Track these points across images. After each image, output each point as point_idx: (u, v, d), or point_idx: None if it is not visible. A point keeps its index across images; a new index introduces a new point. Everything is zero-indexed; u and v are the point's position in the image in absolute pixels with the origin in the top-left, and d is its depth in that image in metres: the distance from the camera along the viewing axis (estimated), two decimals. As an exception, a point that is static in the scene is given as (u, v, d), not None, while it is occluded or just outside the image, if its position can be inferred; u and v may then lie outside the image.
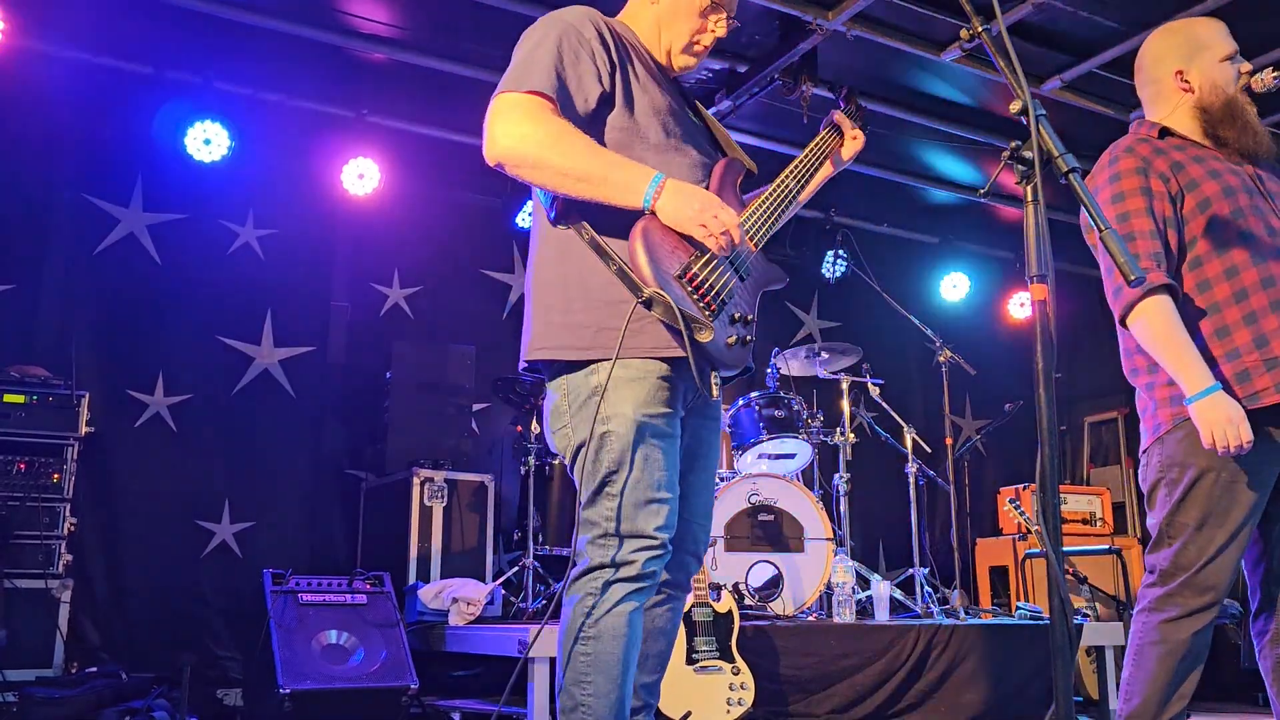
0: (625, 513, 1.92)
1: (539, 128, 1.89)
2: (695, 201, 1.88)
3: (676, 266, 1.90)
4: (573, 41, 1.99)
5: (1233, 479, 2.27)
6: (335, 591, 4.02)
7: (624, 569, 1.92)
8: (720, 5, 2.16)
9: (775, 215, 2.17)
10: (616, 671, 1.92)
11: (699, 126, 2.21)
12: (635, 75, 2.05)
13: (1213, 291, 2.35)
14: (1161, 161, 2.40)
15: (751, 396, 5.13)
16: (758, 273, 2.08)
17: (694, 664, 3.47)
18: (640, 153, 2.00)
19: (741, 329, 1.96)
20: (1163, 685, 2.27)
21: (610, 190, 1.88)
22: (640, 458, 1.91)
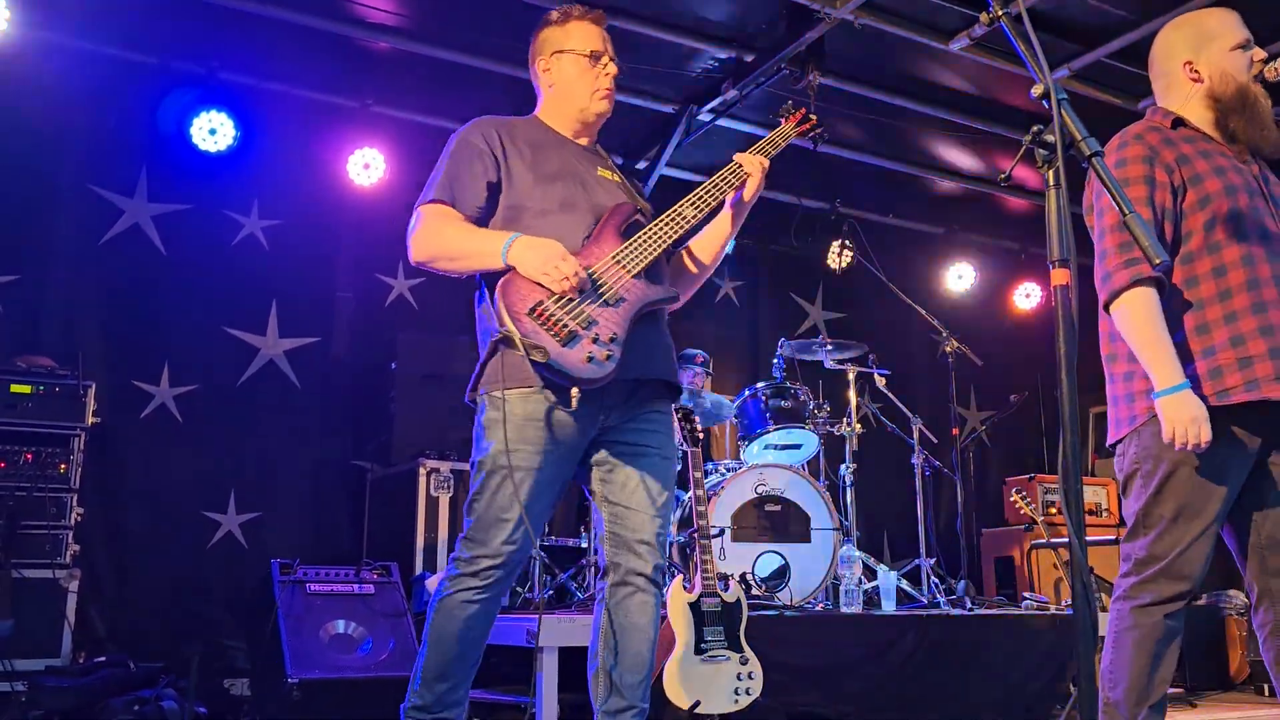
0: (478, 526, 2.40)
1: (432, 231, 2.45)
2: (539, 254, 2.32)
3: (529, 305, 2.31)
4: (464, 153, 2.53)
5: (1206, 473, 2.27)
6: (343, 581, 4.03)
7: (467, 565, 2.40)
8: (599, 52, 2.62)
9: (659, 244, 2.47)
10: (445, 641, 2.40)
11: (607, 181, 2.62)
12: (523, 158, 2.53)
13: (1199, 288, 2.36)
14: (1169, 152, 2.40)
15: (758, 387, 5.13)
16: (635, 295, 2.42)
17: (702, 654, 3.47)
18: (527, 220, 2.47)
19: (600, 346, 2.31)
20: (1142, 669, 2.30)
21: (481, 260, 2.40)
22: (493, 485, 2.38)
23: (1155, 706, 2.31)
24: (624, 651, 2.47)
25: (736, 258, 6.74)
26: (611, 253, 2.44)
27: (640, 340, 2.42)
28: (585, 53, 2.61)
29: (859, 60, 5.10)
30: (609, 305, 2.37)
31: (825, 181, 6.44)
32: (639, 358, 2.42)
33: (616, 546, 2.50)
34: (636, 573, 2.48)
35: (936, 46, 4.77)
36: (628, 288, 2.41)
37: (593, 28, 2.65)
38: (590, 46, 2.62)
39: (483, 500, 2.40)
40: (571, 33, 2.64)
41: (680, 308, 2.65)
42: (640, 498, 2.49)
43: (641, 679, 2.49)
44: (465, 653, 2.43)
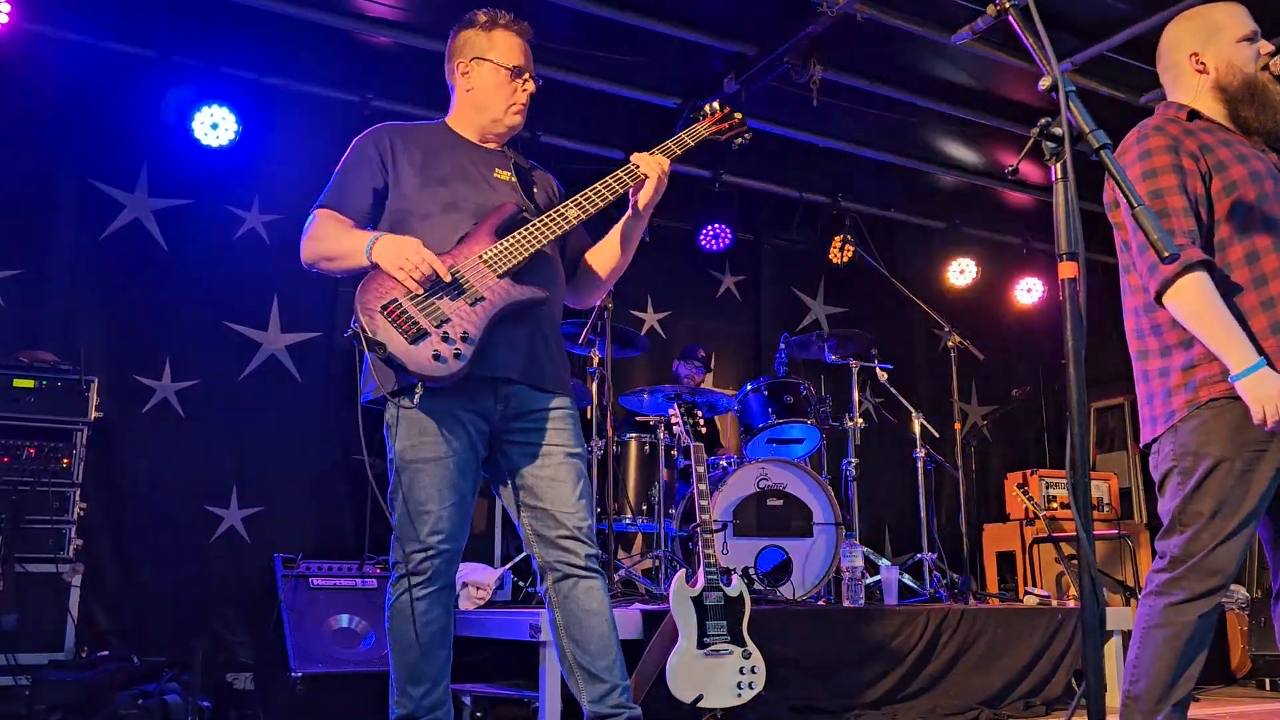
0: (402, 523, 2.48)
1: (315, 234, 2.55)
2: (396, 250, 2.39)
3: (383, 302, 2.38)
4: (355, 159, 2.63)
5: (1246, 468, 2.26)
6: (346, 576, 4.03)
7: (404, 565, 2.48)
8: (520, 69, 2.66)
9: (532, 244, 2.50)
10: (406, 643, 2.48)
11: (501, 182, 2.67)
12: (412, 165, 2.60)
13: (1232, 275, 2.34)
14: (1191, 142, 2.39)
15: (760, 381, 5.13)
16: (497, 294, 2.45)
17: (705, 648, 3.47)
18: (410, 223, 2.55)
19: (448, 344, 2.36)
20: (1168, 667, 2.28)
21: (353, 259, 2.48)
22: (406, 482, 2.46)
23: (1179, 705, 2.28)
24: (586, 639, 2.52)
25: (739, 252, 6.73)
26: (478, 253, 2.48)
27: (508, 339, 2.48)
28: (508, 66, 2.65)
29: (861, 54, 5.09)
30: (468, 304, 2.42)
31: (827, 175, 6.44)
32: (505, 356, 2.49)
33: (544, 548, 2.55)
34: (571, 565, 2.53)
35: (939, 40, 4.77)
36: (490, 287, 2.45)
37: (517, 40, 2.68)
38: (513, 61, 2.65)
39: (399, 497, 2.48)
40: (496, 41, 2.66)
41: (682, 303, 2.67)
42: (553, 495, 2.54)
43: (613, 659, 2.54)
44: (429, 652, 2.49)
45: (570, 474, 2.57)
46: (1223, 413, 2.29)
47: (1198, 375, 2.32)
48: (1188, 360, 2.34)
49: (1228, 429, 2.28)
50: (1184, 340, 2.35)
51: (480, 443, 2.54)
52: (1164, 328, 2.40)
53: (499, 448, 2.59)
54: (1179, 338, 2.36)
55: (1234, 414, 2.28)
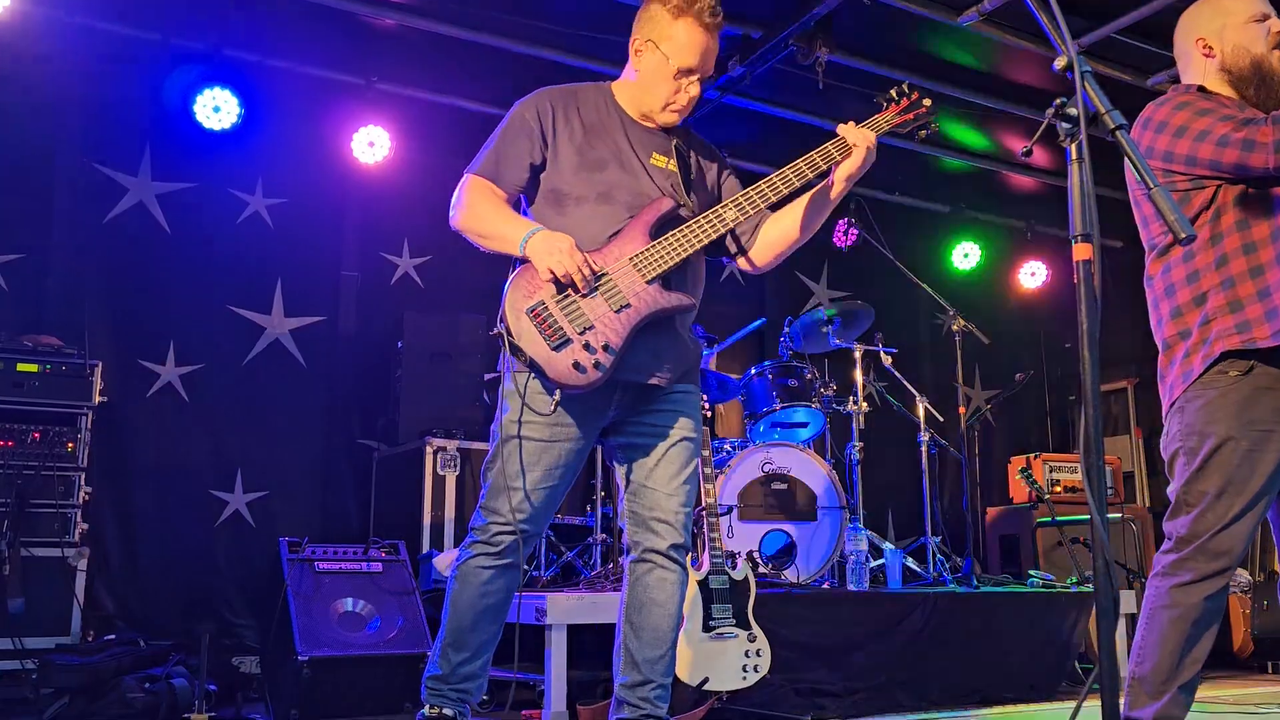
0: (491, 494, 2.48)
1: (470, 204, 2.49)
2: (549, 248, 2.34)
3: (531, 303, 2.38)
4: (514, 129, 2.54)
5: (1252, 447, 2.26)
6: (351, 560, 4.03)
7: (481, 533, 2.48)
8: (690, 70, 2.51)
9: (684, 250, 2.45)
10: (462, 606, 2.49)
11: (658, 170, 2.56)
12: (572, 141, 2.52)
13: (1251, 231, 2.33)
14: None
15: (764, 365, 5.12)
16: (644, 302, 2.42)
17: (710, 631, 3.48)
18: (565, 206, 2.50)
19: (588, 353, 2.35)
20: (1175, 648, 2.28)
21: (505, 244, 2.44)
22: (507, 454, 2.45)
23: (1185, 686, 2.29)
24: (643, 627, 2.51)
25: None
26: (630, 254, 2.43)
27: (646, 346, 2.45)
28: (678, 64, 2.49)
29: (867, 36, 5.06)
30: (613, 310, 2.39)
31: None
32: (642, 362, 2.46)
33: (635, 525, 2.54)
34: (653, 550, 2.52)
35: (945, 21, 4.73)
36: (638, 294, 2.41)
37: (700, 35, 2.49)
38: (685, 61, 2.49)
39: (495, 466, 2.48)
40: (677, 31, 2.49)
41: None
42: (658, 476, 2.52)
43: (661, 654, 2.52)
44: (480, 623, 2.49)
45: (680, 457, 2.55)
46: (1229, 392, 2.29)
47: (1214, 329, 2.31)
48: (1204, 316, 2.34)
49: (1234, 408, 2.28)
50: (1197, 296, 2.35)
51: (592, 435, 2.54)
52: (1177, 286, 2.39)
53: (613, 428, 2.58)
54: (1191, 294, 2.36)
55: (1241, 393, 2.28)
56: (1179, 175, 2.36)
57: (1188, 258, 2.38)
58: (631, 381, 2.48)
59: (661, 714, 2.52)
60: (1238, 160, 2.26)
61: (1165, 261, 2.43)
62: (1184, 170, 2.35)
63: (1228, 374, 2.30)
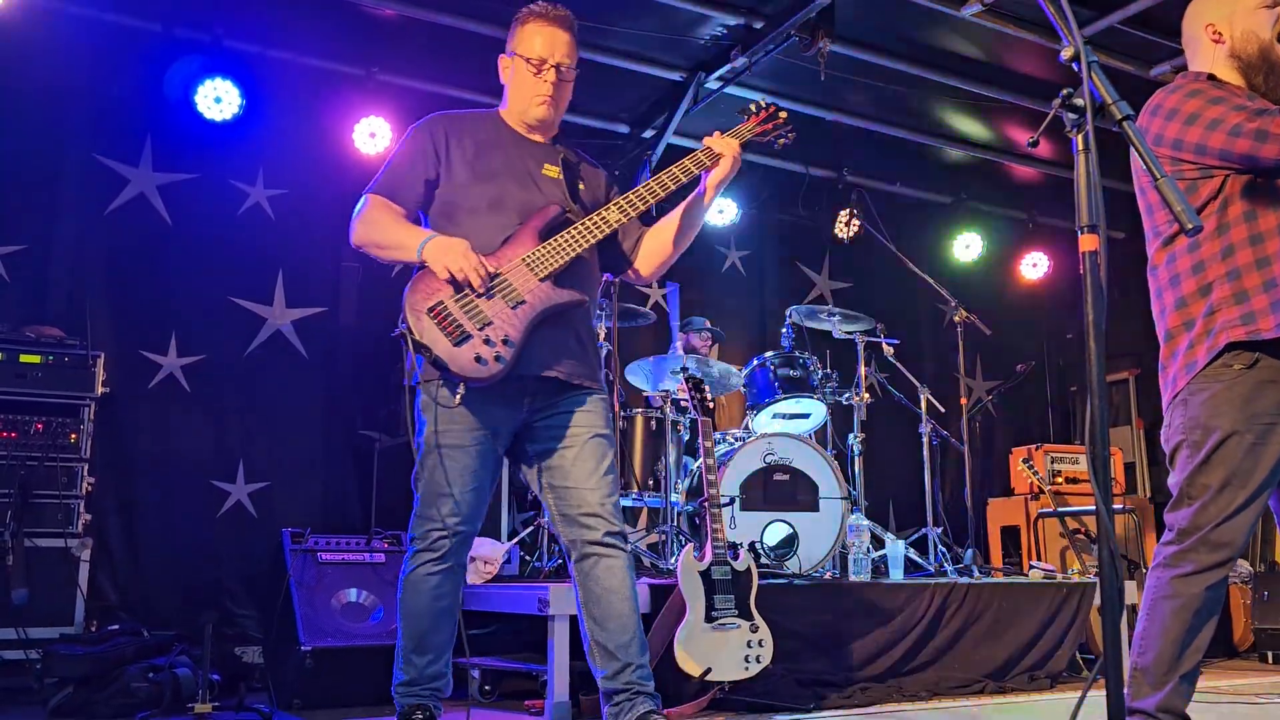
0: (424, 502, 2.61)
1: (368, 219, 2.64)
2: (445, 253, 2.49)
3: (430, 303, 2.50)
4: (410, 149, 2.72)
5: (1257, 440, 2.26)
6: (354, 550, 4.04)
7: (420, 541, 2.61)
8: (543, 59, 2.70)
9: (573, 249, 2.59)
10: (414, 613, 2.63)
11: (549, 180, 2.73)
12: (464, 158, 2.69)
13: (1257, 221, 2.33)
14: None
15: (766, 356, 5.12)
16: (538, 298, 2.56)
17: (713, 621, 3.49)
18: (458, 218, 2.65)
19: (489, 347, 2.47)
20: (1176, 639, 2.28)
21: (402, 252, 2.59)
22: (431, 464, 2.58)
23: (1187, 676, 2.30)
24: (606, 617, 2.61)
25: (744, 226, 6.71)
26: (522, 255, 2.57)
27: (544, 340, 2.58)
28: (529, 57, 2.71)
29: (869, 26, 5.05)
30: (510, 307, 2.53)
31: (833, 150, 6.40)
32: (542, 356, 2.59)
33: (567, 525, 2.65)
34: (591, 542, 2.63)
35: (948, 12, 4.72)
36: (532, 290, 2.55)
37: (542, 30, 2.72)
38: (535, 54, 2.70)
39: (424, 477, 2.60)
40: (525, 35, 2.74)
41: (688, 276, 2.72)
42: (577, 474, 2.65)
43: (630, 638, 2.61)
44: (437, 625, 2.63)
45: (595, 452, 2.66)
46: (1234, 385, 2.29)
47: (1218, 320, 2.31)
48: (1208, 306, 2.33)
49: (1238, 402, 2.27)
50: (1202, 287, 2.34)
51: (506, 434, 2.66)
52: (1182, 276, 2.38)
53: (526, 434, 2.70)
54: (1197, 284, 2.35)
55: (1245, 386, 2.28)
56: (1187, 164, 2.36)
57: (1193, 248, 2.38)
58: (535, 376, 2.60)
59: (650, 690, 2.62)
60: (1249, 151, 2.25)
61: (1170, 251, 2.43)
62: (1193, 159, 2.34)
63: (1232, 367, 2.30)
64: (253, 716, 3.52)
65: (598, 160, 2.99)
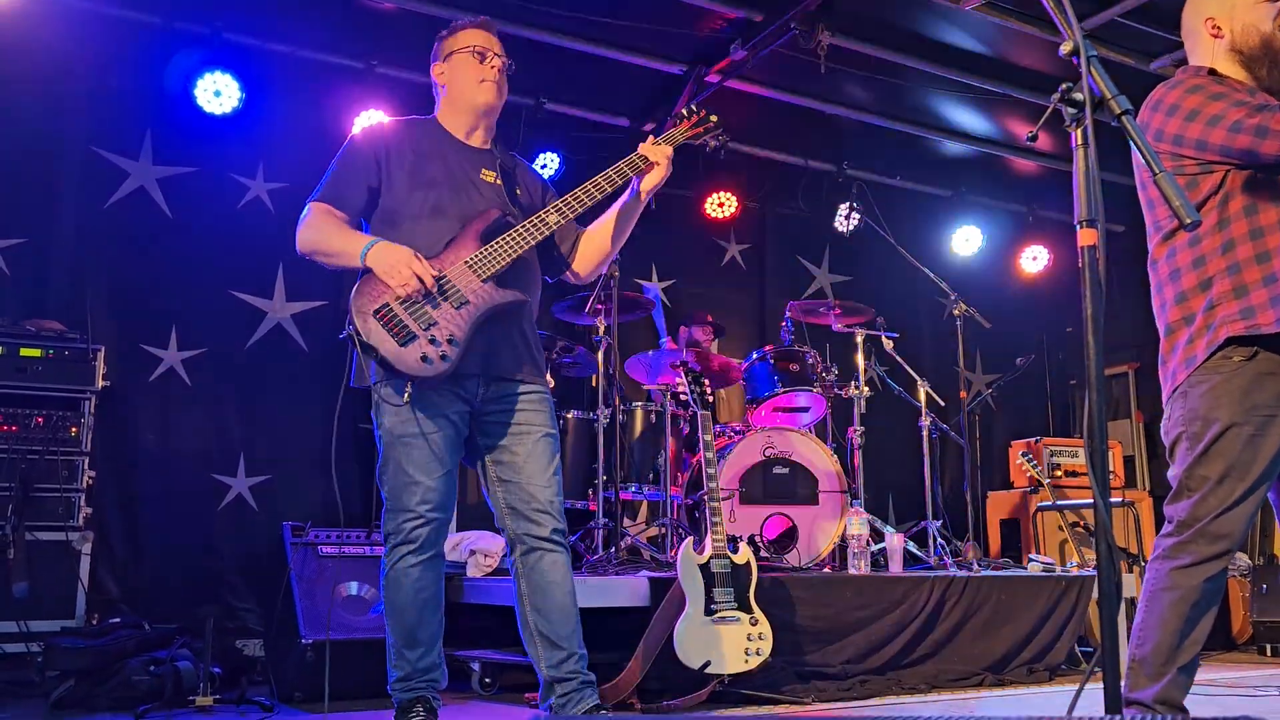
0: (393, 495, 2.67)
1: (312, 225, 2.72)
2: (389, 258, 2.56)
3: (375, 306, 2.56)
4: (351, 158, 2.80)
5: (1255, 432, 2.27)
6: (354, 544, 4.05)
7: (396, 535, 2.66)
8: (484, 49, 2.84)
9: (514, 250, 2.67)
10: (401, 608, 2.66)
11: (486, 185, 2.83)
12: (404, 166, 2.77)
13: (1258, 216, 2.33)
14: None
15: (766, 350, 5.12)
16: (481, 298, 2.63)
17: (712, 614, 3.49)
18: (400, 223, 2.72)
19: (434, 346, 2.55)
20: (1174, 630, 2.29)
21: (346, 259, 2.66)
22: (397, 456, 2.65)
23: (1185, 668, 2.31)
24: (550, 608, 2.71)
25: (744, 220, 6.71)
26: (465, 258, 2.65)
27: (488, 338, 2.67)
28: (471, 48, 2.84)
29: (869, 19, 5.04)
30: (454, 308, 2.60)
31: (833, 143, 6.40)
32: (485, 354, 2.68)
33: (515, 520, 2.73)
34: (539, 537, 2.72)
35: (948, 5, 4.72)
36: (475, 291, 2.63)
37: (478, 31, 2.89)
38: (476, 44, 2.85)
39: (389, 470, 2.68)
40: (461, 37, 2.89)
41: (687, 271, 2.74)
42: (529, 471, 2.73)
43: (572, 629, 2.73)
44: (424, 617, 2.68)
45: (544, 451, 2.76)
46: (1233, 377, 2.29)
47: (1218, 315, 2.31)
48: (1208, 301, 2.33)
49: (1237, 394, 2.28)
50: (1202, 281, 2.35)
51: (462, 423, 2.73)
52: (1183, 270, 2.39)
53: (478, 427, 2.77)
54: (1197, 279, 2.36)
55: (1244, 378, 2.28)
56: (1188, 159, 2.36)
57: (1193, 242, 2.38)
58: (477, 374, 2.69)
59: (591, 678, 2.75)
60: (1249, 146, 2.25)
61: (1170, 245, 2.43)
62: (1193, 155, 2.34)
63: (1231, 359, 2.30)
64: (254, 709, 3.53)
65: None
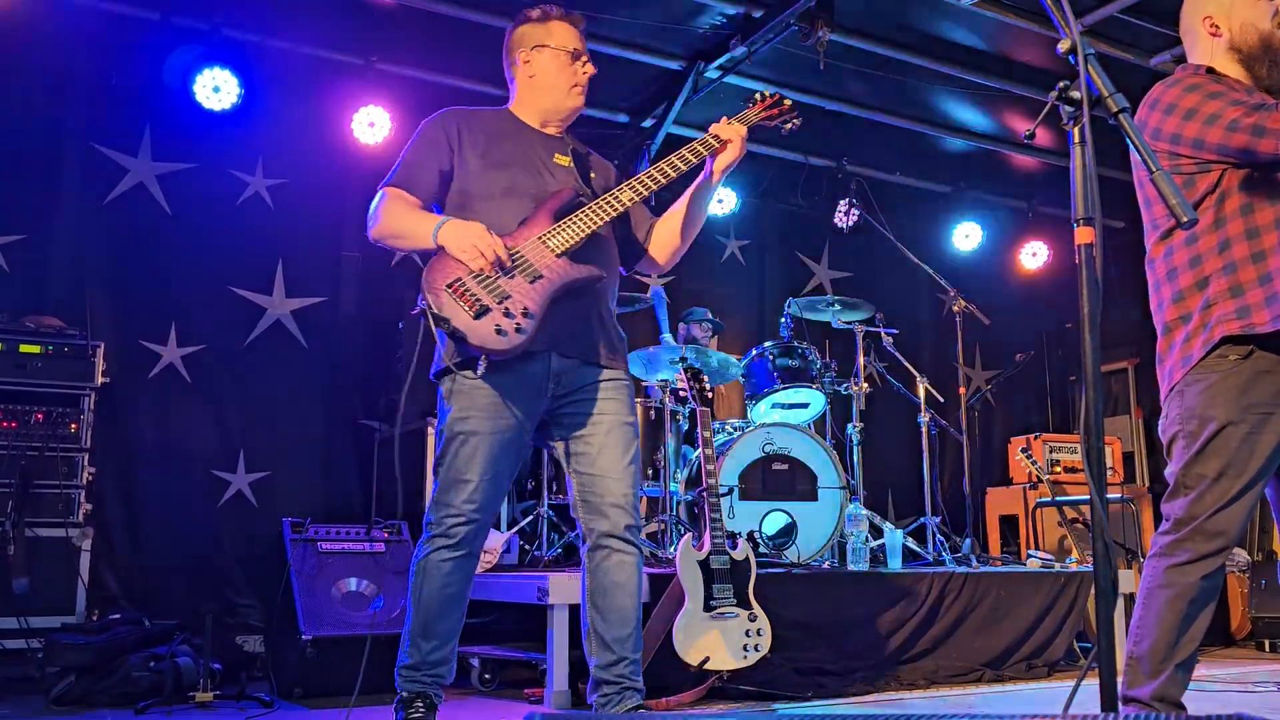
0: (443, 489, 2.62)
1: (385, 210, 2.67)
2: (461, 234, 2.52)
3: (447, 280, 2.51)
4: (424, 142, 2.76)
5: (1252, 430, 2.27)
6: (354, 540, 4.05)
7: (436, 527, 2.63)
8: (579, 52, 2.83)
9: (588, 226, 2.62)
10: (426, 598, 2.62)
11: (560, 167, 2.80)
12: (475, 149, 2.74)
13: (1227, 227, 2.33)
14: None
15: (765, 346, 5.12)
16: (556, 273, 2.57)
17: (711, 610, 3.50)
18: (472, 204, 2.68)
19: (509, 319, 2.48)
20: (1171, 627, 2.29)
21: (417, 240, 2.62)
22: (452, 451, 2.60)
23: (1183, 664, 2.31)
24: (609, 609, 2.66)
25: (744, 216, 6.70)
26: (538, 234, 2.61)
27: (564, 315, 2.60)
28: (567, 50, 2.81)
29: (869, 15, 5.03)
30: (528, 281, 2.54)
31: (833, 139, 6.39)
32: (561, 331, 2.61)
33: (589, 513, 2.69)
34: (609, 534, 2.68)
35: (948, 1, 4.71)
36: (549, 266, 2.57)
37: (571, 29, 2.85)
38: (571, 45, 2.82)
39: (445, 463, 2.62)
40: (553, 31, 2.83)
41: (687, 267, 2.74)
42: (604, 463, 2.68)
43: (629, 632, 2.67)
44: (445, 611, 2.65)
45: (620, 441, 2.70)
46: (1229, 376, 2.29)
47: (1214, 314, 2.31)
48: (1204, 300, 2.34)
49: (1234, 392, 2.28)
50: (1199, 280, 2.35)
51: (530, 422, 2.67)
52: (1179, 270, 2.39)
53: (553, 418, 2.72)
54: (1194, 278, 2.36)
55: (1241, 377, 2.28)
56: (1185, 158, 2.36)
57: (1190, 241, 2.38)
58: (557, 353, 2.63)
59: (639, 685, 2.69)
60: (1246, 145, 2.25)
61: (1168, 244, 2.43)
62: (1190, 153, 2.34)
63: (1227, 358, 2.31)
64: (254, 705, 3.54)
65: (598, 149, 3.02)
